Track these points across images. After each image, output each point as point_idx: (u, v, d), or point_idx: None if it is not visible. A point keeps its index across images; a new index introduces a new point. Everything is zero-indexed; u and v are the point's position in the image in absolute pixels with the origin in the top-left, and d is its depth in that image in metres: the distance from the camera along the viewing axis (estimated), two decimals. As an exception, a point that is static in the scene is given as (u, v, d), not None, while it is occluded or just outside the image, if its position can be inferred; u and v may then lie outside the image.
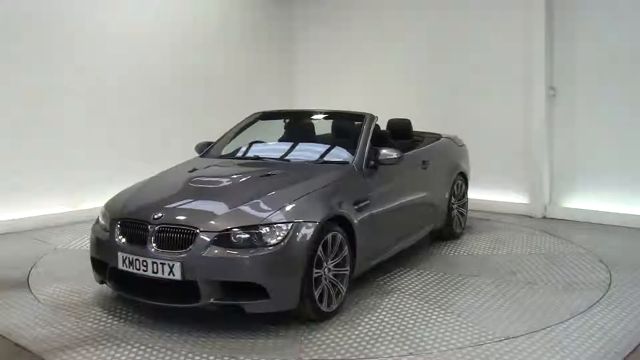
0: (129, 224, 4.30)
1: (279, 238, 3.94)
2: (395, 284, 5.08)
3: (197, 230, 3.99)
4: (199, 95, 9.06)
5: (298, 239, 3.99)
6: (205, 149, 5.85)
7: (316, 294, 4.09)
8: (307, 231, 4.03)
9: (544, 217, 7.76)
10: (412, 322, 4.24)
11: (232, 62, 9.54)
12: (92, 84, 7.83)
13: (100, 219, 4.66)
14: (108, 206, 4.70)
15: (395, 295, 4.79)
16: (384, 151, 5.01)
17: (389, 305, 4.56)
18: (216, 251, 3.92)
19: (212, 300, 3.94)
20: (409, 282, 5.14)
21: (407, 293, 4.85)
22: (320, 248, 4.12)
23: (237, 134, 6.00)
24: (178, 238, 4.04)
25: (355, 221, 4.54)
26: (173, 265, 3.95)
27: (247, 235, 3.95)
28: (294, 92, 10.43)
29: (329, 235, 4.22)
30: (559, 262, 5.71)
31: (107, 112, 7.98)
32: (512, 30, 7.93)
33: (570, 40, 7.50)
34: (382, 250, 5.13)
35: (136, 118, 8.30)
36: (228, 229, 3.98)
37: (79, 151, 7.70)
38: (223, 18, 9.44)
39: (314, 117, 6.17)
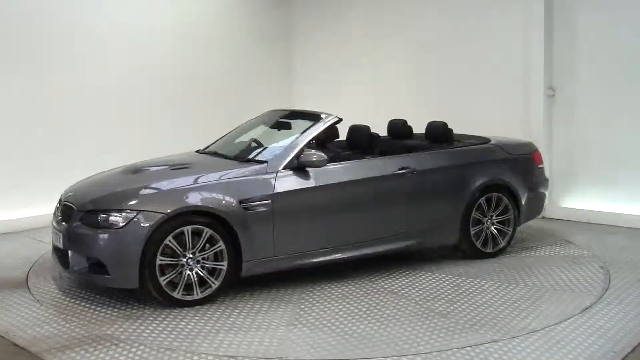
0: (60, 202, 5.10)
1: (123, 223, 4.40)
2: (305, 295, 4.83)
3: (74, 209, 4.71)
4: (199, 95, 9.04)
5: (138, 226, 4.38)
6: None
7: (163, 280, 4.42)
8: (150, 220, 4.40)
9: (543, 217, 7.74)
10: (247, 326, 4.19)
11: (232, 62, 9.52)
12: (91, 84, 7.82)
13: None
14: None
15: (285, 305, 4.61)
16: (306, 153, 4.93)
17: (256, 309, 4.52)
18: (79, 227, 4.60)
19: (75, 268, 4.65)
20: (321, 294, 4.84)
21: (297, 303, 4.65)
22: (170, 238, 4.41)
23: (241, 131, 6.03)
24: (67, 214, 4.80)
25: (237, 219, 4.61)
26: (60, 235, 4.74)
27: (104, 217, 4.49)
28: (293, 92, 10.42)
29: (188, 228, 4.46)
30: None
31: (107, 112, 7.98)
32: (511, 29, 7.92)
33: (570, 40, 7.49)
34: (297, 254, 4.94)
35: (136, 118, 8.30)
36: (89, 209, 4.62)
37: (79, 151, 7.70)
38: (222, 18, 9.43)
39: (287, 117, 6.01)
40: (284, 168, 4.92)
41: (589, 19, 7.33)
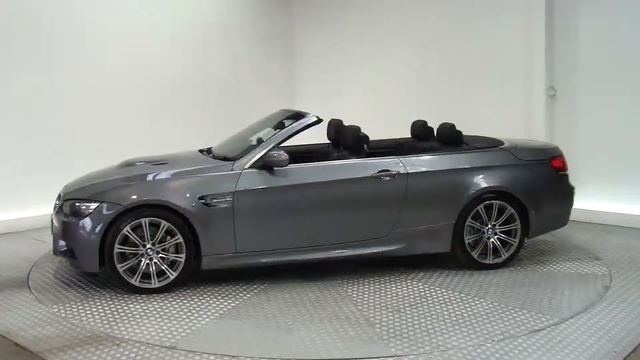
0: None
1: (88, 212, 4.77)
2: (260, 292, 4.86)
3: (61, 197, 5.18)
4: (199, 95, 9.06)
5: (99, 216, 4.74)
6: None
7: (121, 267, 4.74)
8: (109, 211, 4.73)
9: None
10: (176, 315, 4.38)
11: (233, 63, 9.53)
12: (92, 84, 7.83)
13: None
14: None
15: (232, 300, 4.67)
16: (270, 153, 5.01)
17: (203, 301, 4.66)
18: (59, 215, 5.02)
19: (58, 251, 5.04)
20: (277, 294, 4.83)
21: (245, 299, 4.68)
22: (128, 228, 4.71)
23: (246, 130, 6.02)
24: (57, 203, 5.23)
25: (195, 214, 4.79)
26: (51, 222, 5.20)
27: (77, 206, 4.86)
28: (294, 92, 10.43)
29: (145, 220, 4.74)
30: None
31: (107, 112, 7.99)
32: (512, 30, 7.92)
33: (571, 41, 7.49)
34: (259, 252, 4.99)
35: (136, 118, 8.31)
36: (67, 199, 5.02)
37: (79, 151, 7.71)
38: (223, 18, 9.44)
39: (291, 117, 5.86)
40: (250, 167, 5.00)
41: (590, 19, 7.34)
